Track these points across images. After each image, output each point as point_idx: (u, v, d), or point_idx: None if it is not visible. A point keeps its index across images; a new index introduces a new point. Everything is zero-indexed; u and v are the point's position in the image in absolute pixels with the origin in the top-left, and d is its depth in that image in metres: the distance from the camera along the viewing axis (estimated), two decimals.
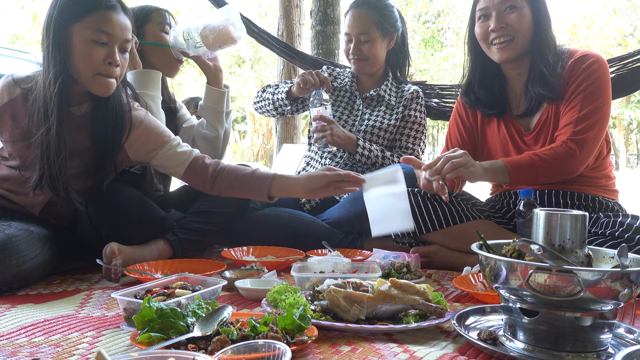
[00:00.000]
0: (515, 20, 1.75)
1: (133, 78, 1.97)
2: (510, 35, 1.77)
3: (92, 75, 1.59)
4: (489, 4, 1.78)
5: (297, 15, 5.21)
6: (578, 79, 1.74)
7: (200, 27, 2.02)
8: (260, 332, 1.00)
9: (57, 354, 1.02)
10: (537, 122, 1.83)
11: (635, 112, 20.58)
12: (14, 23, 15.11)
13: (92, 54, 1.57)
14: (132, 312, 1.16)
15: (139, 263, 1.70)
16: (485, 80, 1.92)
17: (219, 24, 2.02)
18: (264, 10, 16.79)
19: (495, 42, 1.80)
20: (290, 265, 1.75)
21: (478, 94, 1.92)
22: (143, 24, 2.08)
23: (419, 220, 1.89)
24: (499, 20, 1.76)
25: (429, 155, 24.04)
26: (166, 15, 2.13)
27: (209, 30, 2.01)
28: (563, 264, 0.95)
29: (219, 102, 2.17)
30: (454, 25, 16.85)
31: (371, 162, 2.28)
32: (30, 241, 1.54)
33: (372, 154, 2.27)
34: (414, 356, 1.00)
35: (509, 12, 1.76)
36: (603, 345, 1.01)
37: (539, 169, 1.67)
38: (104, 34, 1.57)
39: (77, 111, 1.70)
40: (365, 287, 1.24)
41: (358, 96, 2.44)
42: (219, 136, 2.19)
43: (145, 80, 1.98)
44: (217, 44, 2.03)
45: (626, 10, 16.36)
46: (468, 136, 1.99)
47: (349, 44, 2.35)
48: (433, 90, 2.88)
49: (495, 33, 1.78)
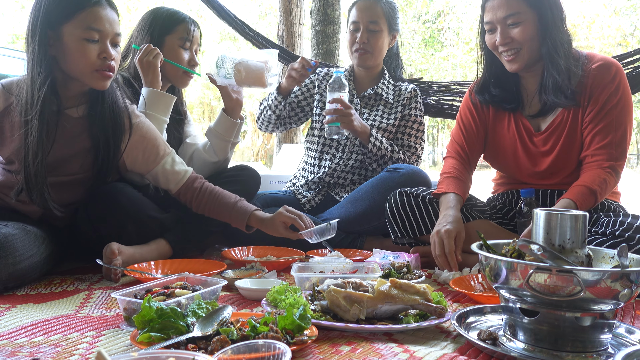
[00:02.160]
0: (519, 34, 1.73)
1: (147, 97, 1.95)
2: (516, 48, 1.75)
3: (90, 72, 1.61)
4: (492, 18, 1.76)
5: (297, 15, 5.21)
6: (605, 91, 1.72)
7: (236, 60, 2.01)
8: (260, 332, 1.00)
9: (57, 354, 1.02)
10: (550, 124, 1.82)
11: (635, 113, 20.58)
12: (14, 23, 15.11)
13: (86, 52, 1.58)
14: (132, 312, 1.16)
15: (139, 263, 1.70)
16: (500, 79, 1.90)
17: (255, 65, 2.01)
18: (264, 10, 16.77)
19: (503, 54, 1.79)
20: (290, 265, 1.75)
21: (493, 93, 1.90)
22: (165, 33, 2.05)
23: (418, 222, 1.89)
24: (504, 36, 1.75)
25: (428, 155, 24.04)
26: (192, 30, 2.08)
27: (244, 67, 2.01)
28: (563, 264, 0.95)
29: (230, 131, 2.16)
30: (454, 25, 16.84)
31: (381, 154, 2.25)
32: (26, 240, 1.54)
33: (383, 146, 2.24)
34: (414, 356, 1.00)
35: (512, 27, 1.74)
36: (603, 345, 1.01)
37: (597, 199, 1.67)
38: (95, 31, 1.58)
39: (74, 113, 1.70)
40: (365, 287, 1.24)
41: (355, 95, 2.42)
42: (218, 162, 2.18)
43: (158, 103, 1.96)
44: (247, 82, 2.04)
45: (626, 10, 16.36)
46: (478, 132, 1.97)
47: (355, 34, 2.32)
48: (430, 87, 2.88)
49: (502, 47, 1.77)
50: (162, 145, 1.81)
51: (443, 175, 1.92)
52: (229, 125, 2.15)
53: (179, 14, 2.10)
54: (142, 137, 1.77)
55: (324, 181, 2.39)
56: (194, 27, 2.10)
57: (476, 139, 1.96)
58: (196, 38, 2.12)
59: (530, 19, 1.73)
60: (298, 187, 2.44)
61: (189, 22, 2.09)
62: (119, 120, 1.72)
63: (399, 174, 2.11)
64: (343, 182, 2.37)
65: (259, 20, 16.17)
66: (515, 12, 1.72)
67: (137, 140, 1.76)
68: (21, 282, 1.54)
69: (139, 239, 1.79)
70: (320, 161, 2.42)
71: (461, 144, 1.97)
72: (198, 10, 14.59)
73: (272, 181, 3.21)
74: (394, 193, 1.94)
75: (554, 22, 1.73)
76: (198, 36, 2.14)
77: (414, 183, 2.05)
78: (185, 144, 2.24)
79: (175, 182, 1.81)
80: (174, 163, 1.81)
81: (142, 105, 1.96)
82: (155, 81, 1.96)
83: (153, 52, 1.96)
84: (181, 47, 2.07)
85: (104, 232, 1.75)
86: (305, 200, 2.37)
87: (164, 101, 1.98)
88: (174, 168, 1.80)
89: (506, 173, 2.01)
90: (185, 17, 2.09)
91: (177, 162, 1.83)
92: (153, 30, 2.05)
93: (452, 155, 1.98)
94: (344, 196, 2.34)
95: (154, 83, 1.96)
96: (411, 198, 1.90)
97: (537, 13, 1.73)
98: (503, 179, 2.04)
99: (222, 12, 3.20)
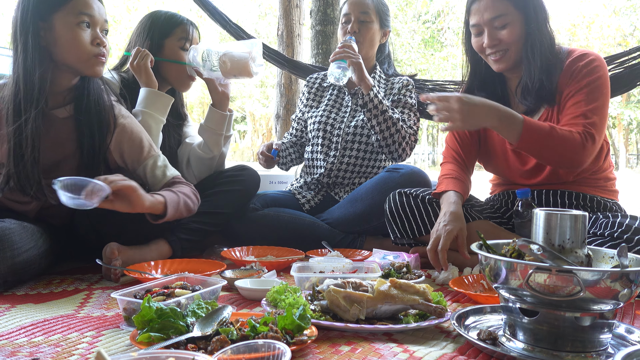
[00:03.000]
0: (506, 35, 1.75)
1: (144, 96, 1.97)
2: (504, 49, 1.77)
3: (86, 58, 1.64)
4: (479, 21, 1.77)
5: (297, 15, 5.20)
6: (578, 76, 1.72)
7: (220, 52, 2.03)
8: (260, 332, 1.00)
9: (56, 353, 1.02)
10: None
11: (635, 112, 20.57)
12: None
13: (80, 37, 1.62)
14: (131, 312, 1.16)
15: (139, 263, 1.70)
16: (486, 82, 1.91)
17: (240, 55, 2.03)
18: (264, 10, 16.76)
19: (490, 55, 1.80)
20: (290, 265, 1.75)
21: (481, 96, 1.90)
22: (164, 37, 2.08)
23: (418, 222, 1.89)
24: (492, 38, 1.76)
25: (428, 155, 24.04)
26: (190, 31, 2.12)
27: (229, 58, 2.02)
28: (563, 264, 0.95)
29: (220, 124, 2.17)
30: (454, 25, 16.84)
31: (382, 108, 2.16)
32: (24, 234, 1.54)
33: (385, 102, 2.19)
34: (413, 356, 1.00)
35: (500, 29, 1.75)
36: (603, 345, 1.01)
37: (550, 140, 1.62)
38: (86, 15, 1.62)
39: (61, 113, 1.70)
40: (365, 287, 1.24)
41: (347, 92, 2.42)
42: (214, 157, 2.19)
43: (155, 102, 1.98)
44: (233, 73, 2.05)
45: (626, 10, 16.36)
46: (471, 135, 1.98)
47: (346, 26, 2.34)
48: (425, 86, 2.87)
49: (489, 49, 1.78)
50: (147, 147, 1.80)
51: (442, 177, 1.92)
52: (219, 118, 2.17)
53: (177, 17, 2.13)
54: (127, 133, 1.77)
55: (322, 181, 2.39)
56: (192, 29, 2.13)
57: (470, 142, 1.97)
58: (195, 39, 2.15)
59: (517, 19, 1.74)
60: (297, 188, 2.44)
61: (187, 24, 2.12)
62: (103, 114, 1.73)
63: (398, 174, 2.11)
64: (341, 181, 2.37)
65: (258, 20, 16.17)
66: (502, 13, 1.73)
67: (122, 136, 1.76)
68: (20, 277, 1.54)
69: (138, 240, 1.79)
70: (316, 161, 2.42)
71: (456, 149, 1.97)
72: (198, 10, 14.60)
73: (272, 181, 3.22)
74: (393, 193, 1.94)
75: (536, 24, 1.74)
76: (197, 37, 2.16)
77: (413, 183, 2.05)
78: (184, 144, 2.25)
79: (153, 185, 1.78)
80: (155, 167, 1.78)
81: (139, 104, 1.97)
82: (150, 81, 2.00)
83: (142, 54, 2.00)
84: (181, 49, 2.10)
85: (104, 233, 1.75)
86: (304, 200, 2.37)
87: (161, 101, 1.99)
88: (154, 172, 1.78)
89: (498, 174, 2.03)
90: (183, 19, 2.13)
91: (159, 166, 1.80)
92: (153, 35, 2.08)
93: (449, 160, 1.98)
94: (343, 196, 2.34)
95: (149, 83, 1.99)
96: (410, 199, 1.90)
97: (522, 14, 1.74)
98: (498, 180, 2.06)
99: (217, 15, 3.21)
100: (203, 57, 2.06)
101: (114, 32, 14.66)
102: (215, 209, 2.02)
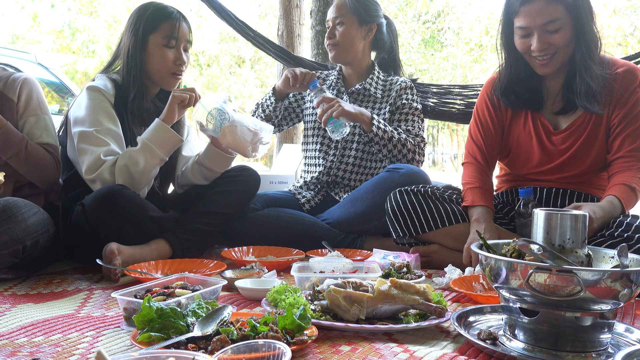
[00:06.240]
0: (558, 40, 1.71)
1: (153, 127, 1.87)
2: (552, 52, 1.73)
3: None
4: (530, 24, 1.71)
5: (297, 15, 5.20)
6: (632, 95, 1.74)
7: (227, 121, 1.94)
8: (260, 332, 1.00)
9: (57, 353, 1.02)
10: (571, 124, 1.82)
11: None
12: (14, 23, 15.11)
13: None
14: (132, 311, 1.16)
15: (139, 263, 1.70)
16: (522, 79, 1.88)
17: (242, 134, 1.94)
18: (264, 10, 16.75)
19: (537, 58, 1.76)
20: (290, 265, 1.75)
21: (520, 94, 1.88)
22: (149, 32, 1.94)
23: (420, 219, 1.89)
24: (542, 42, 1.71)
25: (428, 155, 24.02)
26: (177, 26, 1.96)
27: (229, 130, 1.94)
28: (563, 263, 0.95)
29: (223, 165, 2.10)
30: (454, 25, 16.82)
31: (388, 136, 2.17)
32: (26, 202, 1.66)
33: (387, 128, 2.19)
34: (413, 356, 1.00)
35: (552, 33, 1.70)
36: (603, 345, 1.01)
37: (638, 196, 1.70)
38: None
39: None
40: (365, 287, 1.24)
41: (344, 92, 2.42)
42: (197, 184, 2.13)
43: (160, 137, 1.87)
44: (229, 146, 1.98)
45: (626, 10, 16.34)
46: (496, 132, 1.96)
47: None
48: (429, 89, 2.86)
49: (538, 52, 1.74)
50: (40, 106, 1.92)
51: (467, 186, 1.91)
52: (222, 160, 2.08)
53: (165, 10, 1.98)
54: (32, 88, 1.91)
55: (321, 181, 2.39)
56: (179, 23, 1.97)
57: (494, 139, 1.96)
58: (183, 34, 1.98)
59: (568, 23, 1.71)
60: (297, 188, 2.44)
61: (174, 19, 1.96)
62: None
63: (398, 174, 2.11)
64: (341, 180, 2.37)
65: (258, 20, 16.15)
66: (555, 18, 1.69)
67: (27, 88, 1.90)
68: (34, 239, 1.62)
69: (138, 240, 1.79)
70: (315, 160, 2.42)
71: (480, 145, 1.96)
72: (198, 10, 14.59)
73: (272, 181, 3.22)
74: (394, 192, 1.94)
75: (588, 26, 1.71)
76: (186, 32, 2.00)
77: (413, 183, 2.05)
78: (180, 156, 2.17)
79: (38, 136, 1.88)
80: (36, 126, 1.89)
81: (145, 133, 1.88)
82: (169, 118, 1.89)
83: (190, 98, 1.93)
84: (165, 46, 1.96)
85: (103, 233, 1.74)
86: (304, 200, 2.37)
87: (167, 137, 1.88)
88: (32, 130, 1.88)
89: (514, 169, 1.98)
90: (171, 13, 1.97)
91: (40, 127, 1.89)
92: (137, 30, 1.95)
93: (471, 161, 1.97)
94: (343, 196, 2.34)
95: (167, 118, 1.89)
96: (411, 195, 1.90)
97: (573, 17, 1.70)
98: (506, 176, 2.03)
99: (223, 12, 3.19)
100: (212, 114, 1.95)
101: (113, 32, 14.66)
102: (215, 209, 2.01)
